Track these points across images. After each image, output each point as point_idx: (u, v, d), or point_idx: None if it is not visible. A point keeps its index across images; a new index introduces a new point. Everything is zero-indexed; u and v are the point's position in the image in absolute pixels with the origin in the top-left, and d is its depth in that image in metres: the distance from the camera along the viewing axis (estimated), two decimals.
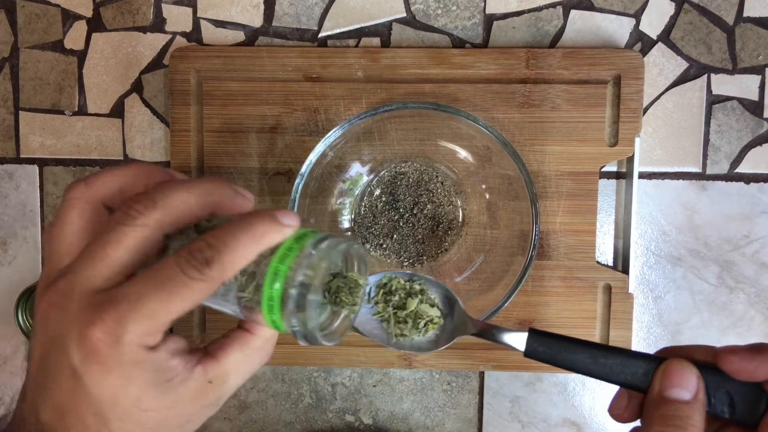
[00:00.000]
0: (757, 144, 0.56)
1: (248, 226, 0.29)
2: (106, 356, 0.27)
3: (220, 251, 0.28)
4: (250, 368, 0.32)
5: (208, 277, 0.28)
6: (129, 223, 0.28)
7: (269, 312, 0.29)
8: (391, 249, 0.55)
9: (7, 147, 0.59)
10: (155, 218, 0.29)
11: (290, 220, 0.30)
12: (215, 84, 0.55)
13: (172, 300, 0.27)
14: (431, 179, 0.55)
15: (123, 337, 0.27)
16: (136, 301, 0.27)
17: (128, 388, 0.28)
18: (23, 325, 0.58)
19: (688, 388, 0.31)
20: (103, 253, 0.28)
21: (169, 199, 0.29)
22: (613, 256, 0.57)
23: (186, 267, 0.28)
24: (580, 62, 0.54)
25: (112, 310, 0.27)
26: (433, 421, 0.59)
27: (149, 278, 0.28)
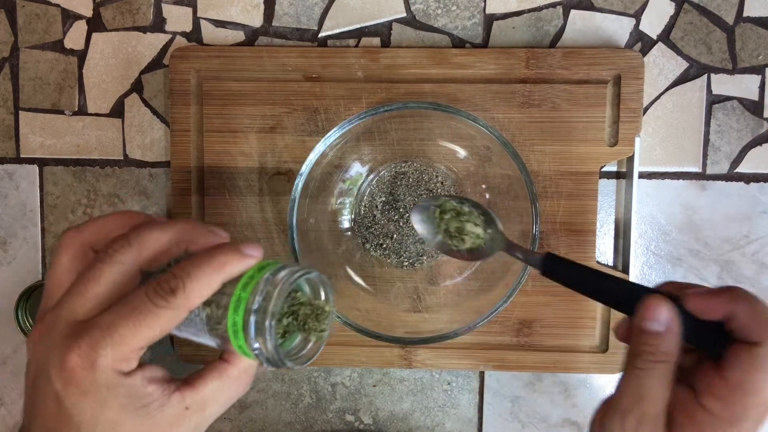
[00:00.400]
0: (757, 144, 0.56)
1: (211, 257, 0.32)
2: (82, 380, 0.30)
3: (184, 280, 0.31)
4: (228, 397, 0.35)
5: (174, 304, 0.31)
6: (106, 261, 0.32)
7: (235, 338, 0.32)
8: (391, 249, 0.55)
9: (7, 147, 0.59)
10: (130, 255, 0.32)
11: (252, 251, 0.33)
12: (215, 84, 0.55)
13: (141, 327, 0.30)
14: (431, 179, 0.55)
15: (97, 362, 0.30)
16: (107, 329, 0.30)
17: (104, 411, 0.30)
18: (23, 325, 0.58)
19: (660, 321, 0.34)
20: (83, 288, 0.31)
21: (143, 239, 0.32)
22: (613, 255, 0.57)
23: (153, 296, 0.30)
24: (580, 62, 0.54)
25: (87, 337, 0.30)
26: (433, 421, 0.59)
27: (121, 308, 0.31)
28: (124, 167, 0.58)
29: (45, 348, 0.31)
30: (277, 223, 0.56)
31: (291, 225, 0.49)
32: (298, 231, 0.50)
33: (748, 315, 0.32)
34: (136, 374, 0.31)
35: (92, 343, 0.30)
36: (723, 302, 0.33)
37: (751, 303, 0.33)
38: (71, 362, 0.30)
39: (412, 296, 0.55)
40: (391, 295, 0.55)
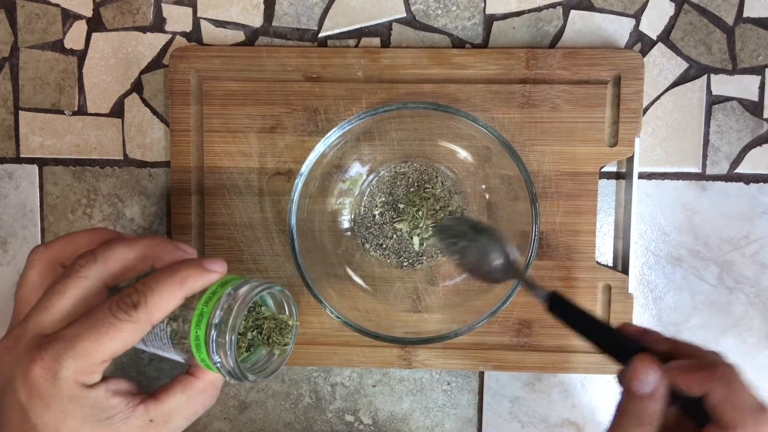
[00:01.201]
0: (757, 144, 0.56)
1: (173, 272, 0.32)
2: (45, 391, 0.30)
3: (146, 294, 0.31)
4: (194, 409, 0.35)
5: (136, 318, 0.31)
6: (72, 276, 0.32)
7: (198, 352, 0.33)
8: (391, 249, 0.55)
9: (7, 147, 0.59)
10: (95, 270, 0.32)
11: (215, 266, 0.33)
12: (215, 84, 0.55)
13: (104, 340, 0.31)
14: (431, 179, 0.55)
15: (59, 373, 0.30)
16: (70, 341, 0.30)
17: (67, 422, 0.31)
18: None
19: (647, 384, 0.34)
20: (48, 302, 0.32)
21: (108, 254, 0.33)
22: (613, 256, 0.57)
23: (115, 310, 0.31)
24: (580, 62, 0.54)
25: (50, 349, 0.30)
26: (432, 422, 0.59)
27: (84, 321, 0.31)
28: (124, 167, 0.58)
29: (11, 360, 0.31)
30: (277, 223, 0.56)
31: (291, 225, 0.49)
32: (297, 231, 0.50)
33: (722, 398, 0.33)
34: (99, 387, 0.31)
35: (55, 355, 0.30)
36: (700, 380, 0.34)
37: (729, 386, 0.33)
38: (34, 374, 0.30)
39: (412, 296, 0.55)
40: (391, 295, 0.55)
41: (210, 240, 0.56)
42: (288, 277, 0.56)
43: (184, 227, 0.56)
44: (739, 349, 0.57)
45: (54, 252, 0.35)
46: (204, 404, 0.36)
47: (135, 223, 0.58)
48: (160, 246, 0.35)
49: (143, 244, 0.34)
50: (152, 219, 0.58)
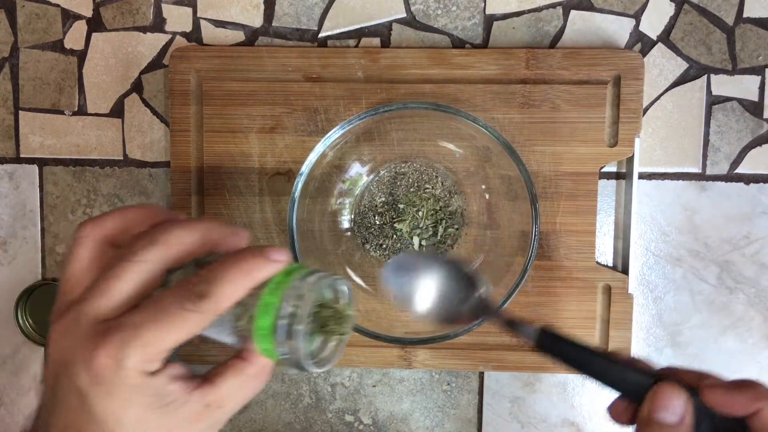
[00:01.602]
0: (756, 144, 0.56)
1: (239, 262, 0.32)
2: (109, 380, 0.30)
3: (213, 285, 0.31)
4: (246, 394, 0.35)
5: (203, 309, 0.31)
6: (131, 259, 0.31)
7: (261, 342, 0.32)
8: (391, 249, 0.55)
9: (7, 147, 0.59)
10: (156, 254, 0.32)
11: (279, 256, 0.33)
12: (215, 84, 0.55)
13: (169, 330, 0.30)
14: (431, 179, 0.55)
15: (124, 362, 0.30)
16: (135, 330, 0.30)
17: (130, 410, 0.30)
18: (23, 325, 0.58)
19: (674, 412, 0.32)
20: (107, 286, 0.31)
21: (168, 237, 0.32)
22: (613, 256, 0.57)
23: (182, 300, 0.31)
24: (580, 63, 0.54)
25: (115, 338, 0.30)
26: (432, 422, 0.59)
27: (149, 309, 0.31)
28: (124, 167, 0.58)
29: (69, 345, 0.31)
30: (277, 223, 0.56)
31: (291, 225, 0.49)
32: (297, 231, 0.50)
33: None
34: (161, 374, 0.31)
35: (120, 343, 0.30)
36: (747, 399, 0.32)
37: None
38: (98, 361, 0.30)
39: None
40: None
41: None
42: None
43: None
44: (739, 349, 0.57)
45: (105, 230, 0.34)
46: (256, 388, 0.35)
47: None
48: (217, 230, 0.34)
49: (202, 229, 0.33)
50: None
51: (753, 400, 0.32)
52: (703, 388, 0.33)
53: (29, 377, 0.60)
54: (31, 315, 0.59)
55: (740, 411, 0.32)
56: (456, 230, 0.55)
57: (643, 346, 0.57)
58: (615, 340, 0.55)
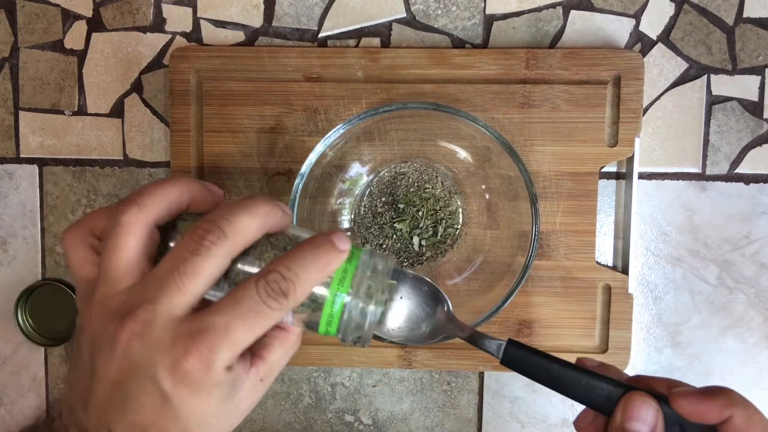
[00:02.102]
0: (756, 144, 0.56)
1: (316, 257, 0.32)
2: (198, 380, 0.30)
3: (294, 283, 0.31)
4: (286, 361, 0.37)
5: (285, 306, 0.31)
6: (203, 254, 0.31)
7: (327, 326, 0.34)
8: (391, 249, 0.55)
9: (7, 147, 0.59)
10: (226, 248, 0.31)
11: (345, 245, 0.33)
12: (215, 84, 0.55)
13: (255, 328, 0.31)
14: (431, 179, 0.55)
15: (214, 363, 0.30)
16: (224, 332, 0.30)
17: (210, 404, 0.31)
18: (23, 325, 0.58)
19: (646, 422, 0.32)
20: (181, 284, 0.31)
21: (236, 227, 0.32)
22: (613, 256, 0.57)
23: (266, 298, 0.31)
24: (580, 63, 0.54)
25: (206, 340, 0.30)
26: (432, 422, 0.59)
27: (234, 308, 0.31)
28: (124, 167, 0.58)
29: (144, 347, 0.30)
30: None
31: None
32: None
33: (745, 422, 0.32)
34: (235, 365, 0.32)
35: (210, 346, 0.30)
36: (718, 407, 0.32)
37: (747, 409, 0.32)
38: (189, 365, 0.30)
39: None
40: None
41: None
42: None
43: None
44: (739, 349, 0.57)
45: (150, 213, 0.33)
46: (292, 354, 0.37)
47: None
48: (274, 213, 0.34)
49: (263, 214, 0.33)
50: None
51: (724, 407, 0.32)
52: (674, 396, 0.33)
53: (29, 377, 0.60)
54: (31, 315, 0.59)
55: (712, 419, 0.32)
56: (456, 230, 0.55)
57: (643, 346, 0.57)
58: (615, 340, 0.55)
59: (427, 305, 0.39)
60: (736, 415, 0.32)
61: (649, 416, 0.32)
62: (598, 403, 0.34)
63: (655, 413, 0.33)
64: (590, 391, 0.34)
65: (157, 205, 0.33)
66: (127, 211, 0.32)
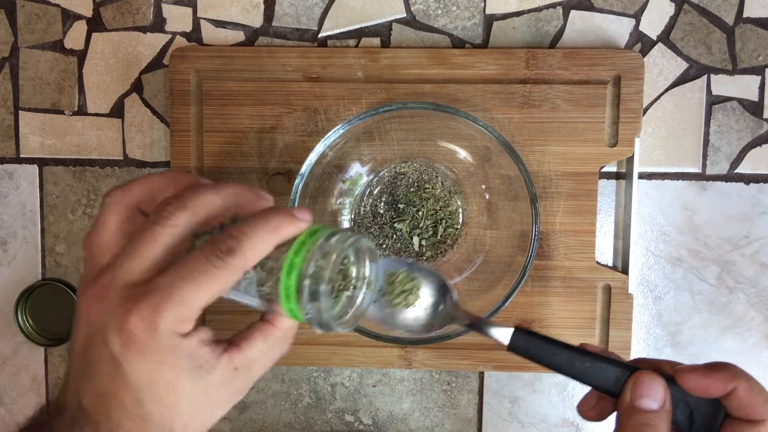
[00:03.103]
0: (757, 144, 0.56)
1: (266, 219, 0.32)
2: (143, 342, 0.30)
3: (240, 241, 0.31)
4: (272, 357, 0.35)
5: (231, 264, 0.31)
6: (162, 223, 0.31)
7: (286, 301, 0.32)
8: (391, 249, 0.55)
9: (7, 147, 0.59)
10: (185, 218, 0.32)
11: (304, 215, 0.33)
12: (215, 84, 0.55)
13: (200, 287, 0.30)
14: (431, 179, 0.55)
15: (158, 324, 0.30)
16: (168, 290, 0.30)
17: (163, 373, 0.30)
18: (23, 325, 0.58)
19: (656, 399, 0.33)
20: (138, 249, 0.31)
21: (198, 201, 0.32)
22: (613, 256, 0.57)
23: (211, 257, 0.31)
24: (580, 62, 0.54)
25: (148, 300, 0.30)
26: (432, 422, 0.59)
27: (179, 269, 0.31)
28: (124, 167, 0.58)
29: (101, 310, 0.31)
30: None
31: None
32: None
33: (748, 393, 0.32)
34: (192, 336, 0.31)
35: (153, 305, 0.30)
36: (722, 380, 0.33)
37: (749, 381, 0.33)
38: (131, 325, 0.29)
39: None
40: None
41: None
42: None
43: None
44: (739, 349, 0.57)
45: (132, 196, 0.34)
46: (281, 352, 0.36)
47: None
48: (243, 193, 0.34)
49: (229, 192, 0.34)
50: None
51: (728, 380, 0.32)
52: (679, 373, 0.34)
53: (29, 377, 0.60)
54: (31, 315, 0.59)
55: (716, 392, 0.33)
56: (456, 230, 0.55)
57: (643, 346, 0.57)
58: (615, 340, 0.55)
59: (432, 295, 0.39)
60: (739, 387, 0.32)
61: (659, 393, 0.33)
62: (605, 385, 0.35)
63: (664, 390, 0.33)
64: (598, 373, 0.35)
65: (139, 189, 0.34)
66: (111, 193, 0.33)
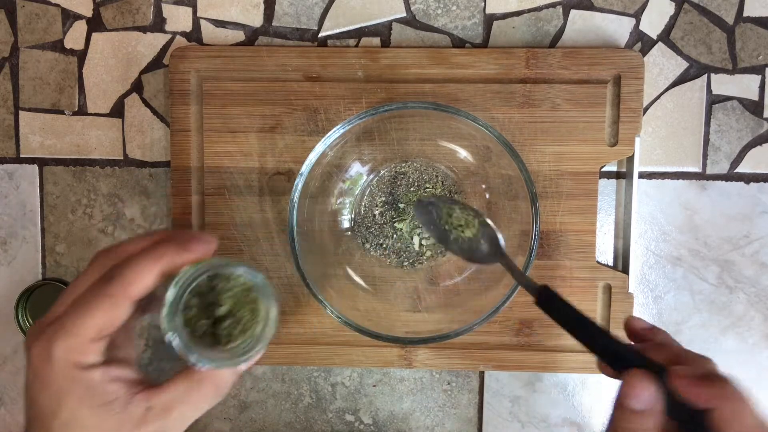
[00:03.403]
0: (757, 144, 0.56)
1: (151, 249, 0.33)
2: (43, 372, 0.31)
3: (122, 269, 0.32)
4: (194, 403, 0.34)
5: (111, 292, 0.31)
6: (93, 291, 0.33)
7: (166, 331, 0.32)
8: (391, 249, 0.55)
9: (7, 147, 0.59)
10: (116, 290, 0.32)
11: (197, 246, 0.33)
12: (215, 84, 0.55)
13: (86, 316, 0.31)
14: (431, 179, 0.55)
15: (52, 353, 0.31)
16: (60, 321, 0.31)
17: (65, 404, 0.31)
18: (23, 325, 0.58)
19: (642, 402, 0.34)
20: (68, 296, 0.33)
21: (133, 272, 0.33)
22: (613, 255, 0.57)
23: (95, 286, 0.32)
24: (580, 62, 0.54)
25: (45, 331, 0.31)
26: (433, 421, 0.59)
27: (67, 297, 0.32)
28: (124, 167, 0.58)
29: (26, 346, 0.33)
30: (277, 223, 0.56)
31: (291, 225, 0.49)
32: (298, 231, 0.50)
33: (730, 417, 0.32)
34: (96, 369, 0.32)
35: (49, 335, 0.31)
36: (708, 396, 0.33)
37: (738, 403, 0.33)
38: (33, 355, 0.31)
39: (412, 296, 0.55)
40: (391, 295, 0.55)
41: None
42: (288, 277, 0.56)
43: (184, 227, 0.56)
44: (739, 349, 0.57)
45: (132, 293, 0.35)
46: (207, 398, 0.35)
47: (135, 223, 0.58)
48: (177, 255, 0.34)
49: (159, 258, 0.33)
50: (152, 219, 0.58)
51: (713, 397, 0.33)
52: (672, 375, 0.34)
53: None
54: (31, 315, 0.59)
55: (700, 404, 0.33)
56: None
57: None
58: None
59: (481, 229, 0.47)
60: (724, 408, 0.33)
61: (647, 397, 0.33)
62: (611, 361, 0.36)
63: (653, 393, 0.34)
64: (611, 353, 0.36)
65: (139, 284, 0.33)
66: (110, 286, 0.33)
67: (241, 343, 0.35)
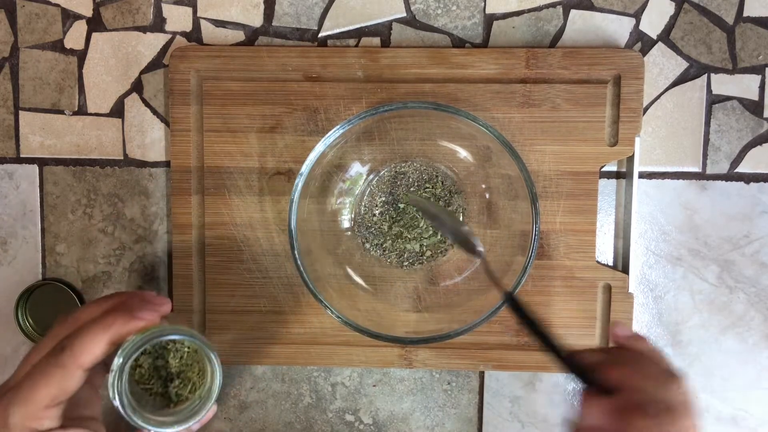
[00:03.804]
0: (757, 144, 0.56)
1: (100, 319, 0.34)
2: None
3: (71, 339, 0.34)
4: None
5: (62, 362, 0.33)
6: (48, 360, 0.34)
7: None
8: (391, 249, 0.55)
9: (7, 147, 0.59)
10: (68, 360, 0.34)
11: (145, 314, 0.35)
12: (215, 84, 0.55)
13: (39, 385, 0.33)
14: (431, 179, 0.55)
15: (8, 420, 0.33)
16: (16, 390, 0.33)
17: None
18: (23, 325, 0.58)
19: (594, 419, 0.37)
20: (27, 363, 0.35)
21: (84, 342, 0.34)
22: (613, 255, 0.57)
23: (48, 357, 0.33)
24: (580, 62, 0.54)
25: (4, 398, 0.33)
26: (433, 421, 0.59)
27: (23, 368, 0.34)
28: (124, 167, 0.58)
29: None
30: (277, 222, 0.56)
31: (291, 225, 0.49)
32: (298, 231, 0.50)
33: None
34: None
35: (5, 403, 0.33)
36: None
37: None
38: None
39: (412, 296, 0.55)
40: (391, 295, 0.55)
41: (210, 240, 0.56)
42: (288, 277, 0.56)
43: (184, 227, 0.56)
44: (739, 349, 0.57)
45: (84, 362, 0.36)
46: None
47: (135, 223, 0.58)
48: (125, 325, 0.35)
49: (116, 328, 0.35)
50: (152, 219, 0.58)
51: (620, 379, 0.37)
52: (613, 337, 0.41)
53: None
54: (31, 315, 0.59)
55: None
56: None
57: None
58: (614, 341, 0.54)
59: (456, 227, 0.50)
60: None
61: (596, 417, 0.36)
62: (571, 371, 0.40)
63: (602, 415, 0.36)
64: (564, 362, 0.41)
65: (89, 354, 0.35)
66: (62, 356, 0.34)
67: (190, 404, 0.38)
